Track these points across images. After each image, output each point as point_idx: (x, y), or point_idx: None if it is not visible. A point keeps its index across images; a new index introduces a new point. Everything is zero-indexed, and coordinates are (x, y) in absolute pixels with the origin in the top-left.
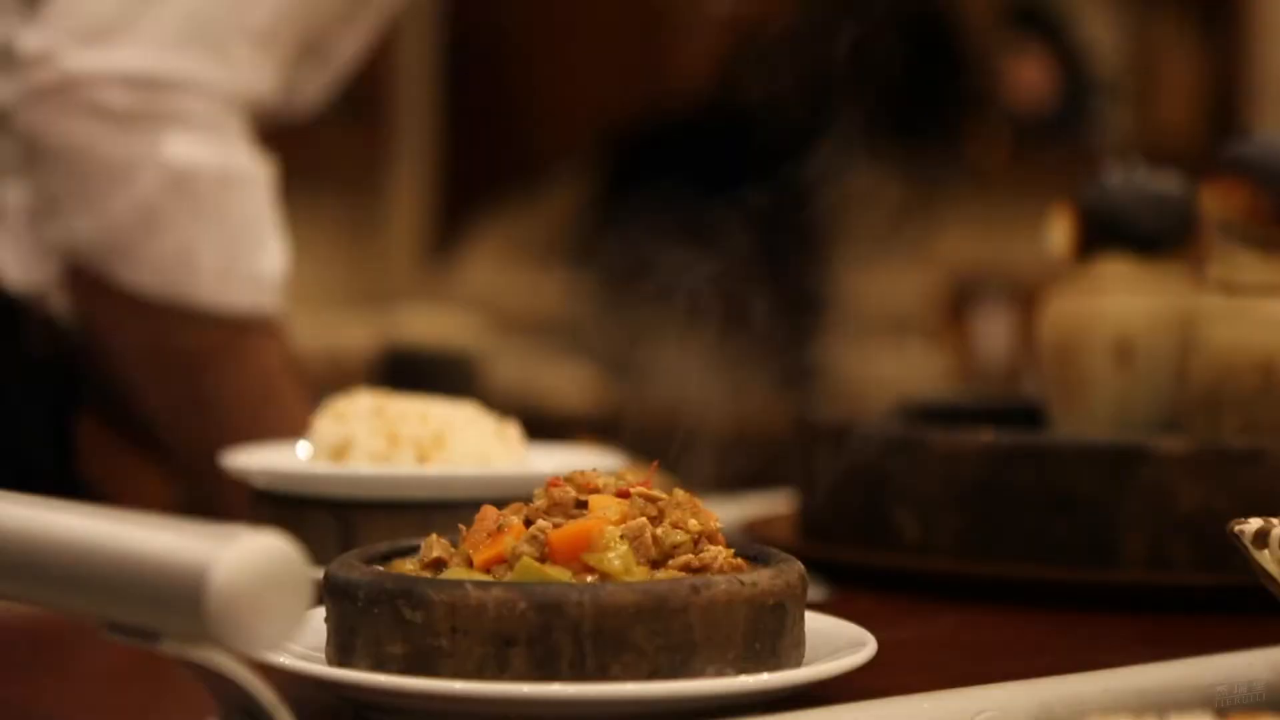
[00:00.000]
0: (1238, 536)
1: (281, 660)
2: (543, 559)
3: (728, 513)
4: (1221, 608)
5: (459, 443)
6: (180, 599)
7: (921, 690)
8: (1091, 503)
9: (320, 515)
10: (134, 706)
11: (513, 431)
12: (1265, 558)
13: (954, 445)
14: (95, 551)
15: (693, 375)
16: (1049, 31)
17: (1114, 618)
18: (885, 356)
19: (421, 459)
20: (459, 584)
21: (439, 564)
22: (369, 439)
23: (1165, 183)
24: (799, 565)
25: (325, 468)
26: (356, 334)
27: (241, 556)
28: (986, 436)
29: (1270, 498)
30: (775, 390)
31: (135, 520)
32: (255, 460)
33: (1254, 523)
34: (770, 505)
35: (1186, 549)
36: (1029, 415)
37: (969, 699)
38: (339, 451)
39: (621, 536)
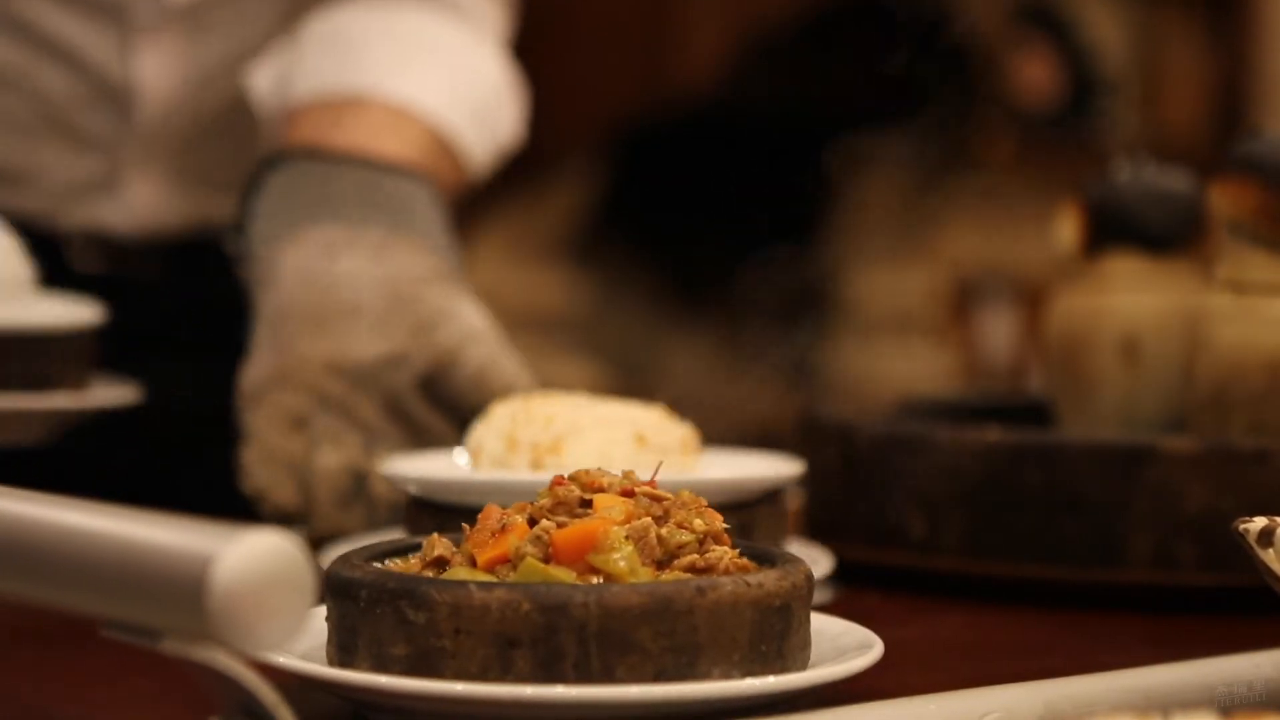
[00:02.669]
0: (1242, 535)
1: (280, 660)
2: (547, 559)
3: None
4: (1228, 608)
5: (577, 446)
6: (181, 597)
7: (927, 691)
8: (1098, 502)
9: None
10: (135, 706)
11: (658, 438)
12: (1270, 557)
13: (960, 443)
14: (95, 549)
15: (698, 373)
16: (1055, 30)
17: (1120, 617)
18: (890, 354)
19: (535, 464)
20: (462, 584)
21: (441, 563)
22: (494, 442)
23: (1174, 181)
24: (805, 566)
25: (454, 473)
26: None
27: (244, 554)
28: (993, 435)
29: (1277, 497)
30: (780, 387)
31: (136, 517)
32: (409, 468)
33: (1259, 522)
34: None
35: (1193, 549)
36: (1035, 413)
37: (975, 700)
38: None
39: (626, 537)
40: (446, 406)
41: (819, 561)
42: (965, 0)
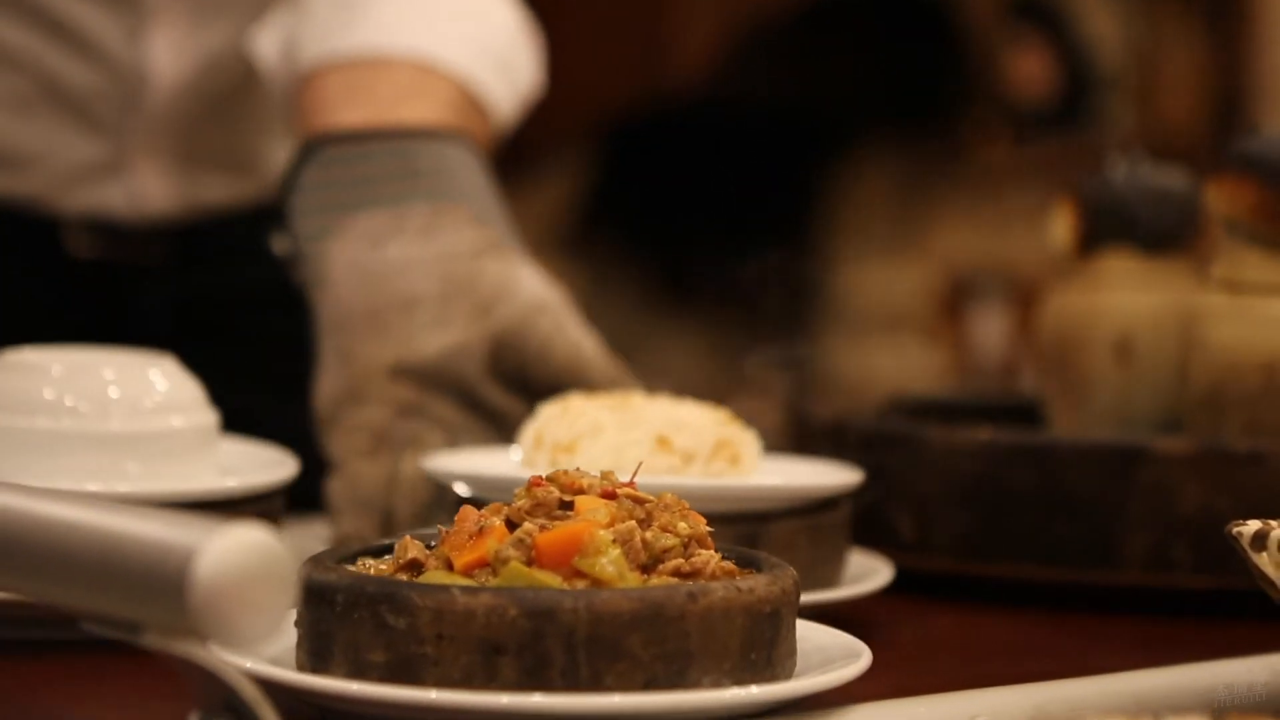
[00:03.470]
0: (1236, 538)
1: (249, 666)
2: (529, 563)
3: None
4: (1222, 611)
5: (592, 446)
6: (163, 591)
7: (917, 692)
8: (1091, 503)
9: None
10: (116, 701)
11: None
12: (1263, 560)
13: (952, 443)
14: (77, 542)
15: (687, 370)
16: (1050, 25)
17: (1113, 619)
18: (881, 352)
19: (553, 464)
20: (445, 589)
21: (415, 566)
22: (526, 439)
23: (1170, 179)
24: (792, 571)
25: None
26: None
27: (226, 548)
28: (985, 435)
29: (1272, 499)
30: (770, 386)
31: (118, 510)
32: (455, 464)
33: (1252, 525)
34: None
35: (1187, 551)
36: (1027, 413)
37: (965, 702)
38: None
39: (613, 541)
40: (519, 385)
41: (879, 571)
42: None
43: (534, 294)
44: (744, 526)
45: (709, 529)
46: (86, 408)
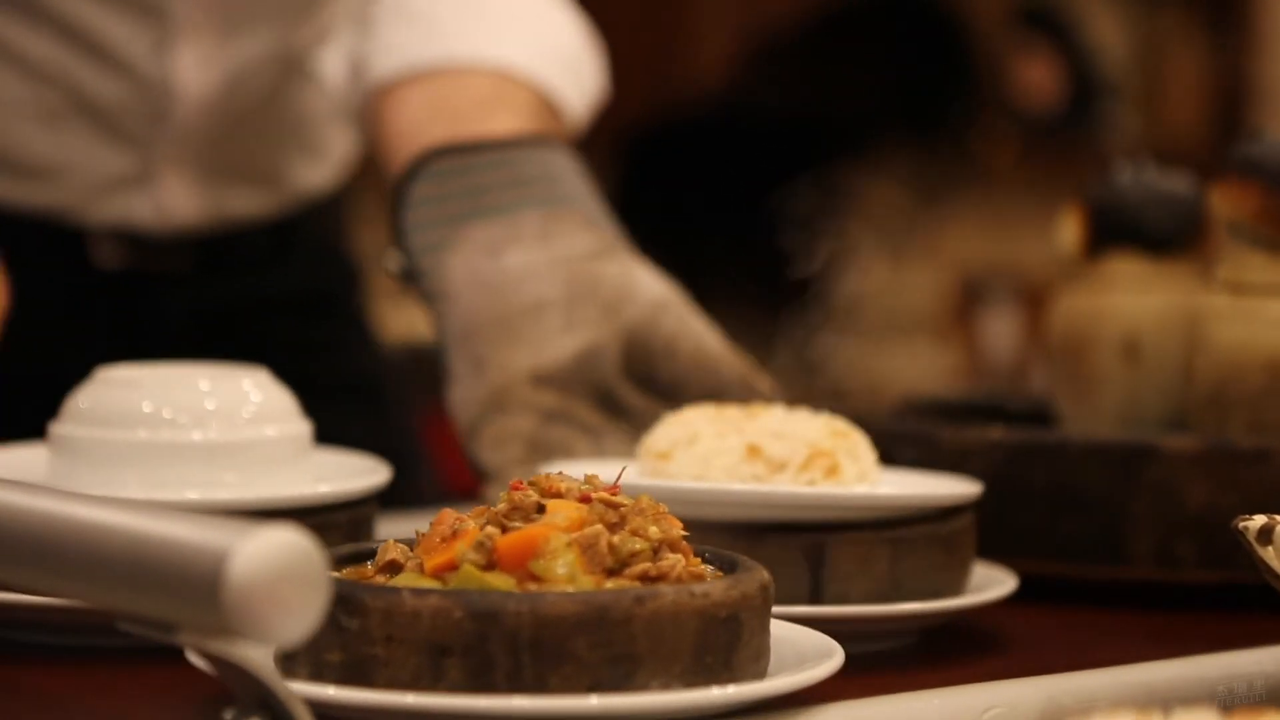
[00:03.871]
0: (1242, 533)
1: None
2: (490, 566)
3: None
4: (1228, 605)
5: (684, 454)
6: (197, 591)
7: (931, 686)
8: (1100, 500)
9: None
10: (155, 700)
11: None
12: (1269, 554)
13: (964, 442)
14: (112, 544)
15: None
16: (1057, 34)
17: (1122, 614)
18: (893, 354)
19: (652, 471)
20: (395, 591)
21: (393, 568)
22: (640, 447)
23: (1174, 182)
24: (762, 575)
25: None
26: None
27: (259, 549)
28: (996, 434)
29: (1277, 496)
30: (783, 387)
31: (153, 512)
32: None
33: (1258, 519)
34: None
35: (1194, 547)
36: (1037, 413)
37: (978, 695)
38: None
39: (569, 544)
40: (651, 385)
41: (1004, 581)
42: (969, 4)
43: (656, 292)
44: (811, 536)
45: (683, 533)
46: (184, 419)
